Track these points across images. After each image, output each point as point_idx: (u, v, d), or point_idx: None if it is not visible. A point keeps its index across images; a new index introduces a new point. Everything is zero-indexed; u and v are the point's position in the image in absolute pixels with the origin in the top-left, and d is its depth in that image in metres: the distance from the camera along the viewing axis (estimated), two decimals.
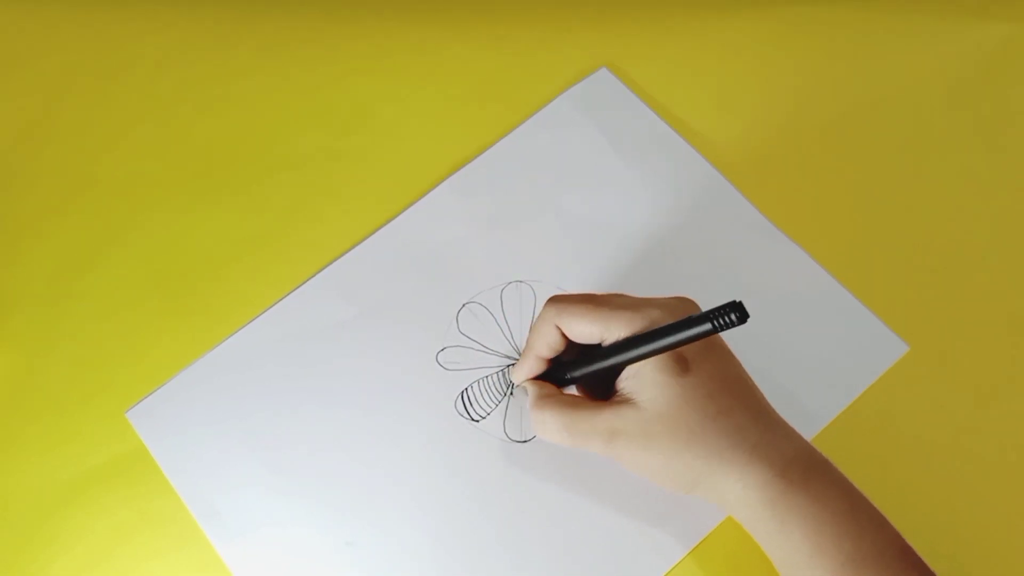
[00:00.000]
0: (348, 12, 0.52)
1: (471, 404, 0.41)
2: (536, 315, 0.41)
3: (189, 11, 0.52)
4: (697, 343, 0.32)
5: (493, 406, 0.41)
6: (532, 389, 0.38)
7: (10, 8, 0.52)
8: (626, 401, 0.34)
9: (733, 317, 0.29)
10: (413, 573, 0.38)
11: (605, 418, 0.34)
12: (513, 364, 0.42)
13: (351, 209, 0.46)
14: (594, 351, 0.35)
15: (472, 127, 0.48)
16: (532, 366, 0.38)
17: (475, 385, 0.42)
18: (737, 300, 0.29)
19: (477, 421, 0.41)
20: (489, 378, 0.42)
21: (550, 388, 0.38)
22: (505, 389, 0.41)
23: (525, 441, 0.40)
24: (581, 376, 0.37)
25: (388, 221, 0.46)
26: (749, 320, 0.29)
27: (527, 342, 0.38)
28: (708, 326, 0.29)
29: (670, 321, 0.32)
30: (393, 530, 0.39)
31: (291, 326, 0.43)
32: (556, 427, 0.36)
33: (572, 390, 0.39)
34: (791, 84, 0.50)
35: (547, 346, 0.37)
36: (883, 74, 0.50)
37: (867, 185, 0.46)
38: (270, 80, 0.50)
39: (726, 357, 0.35)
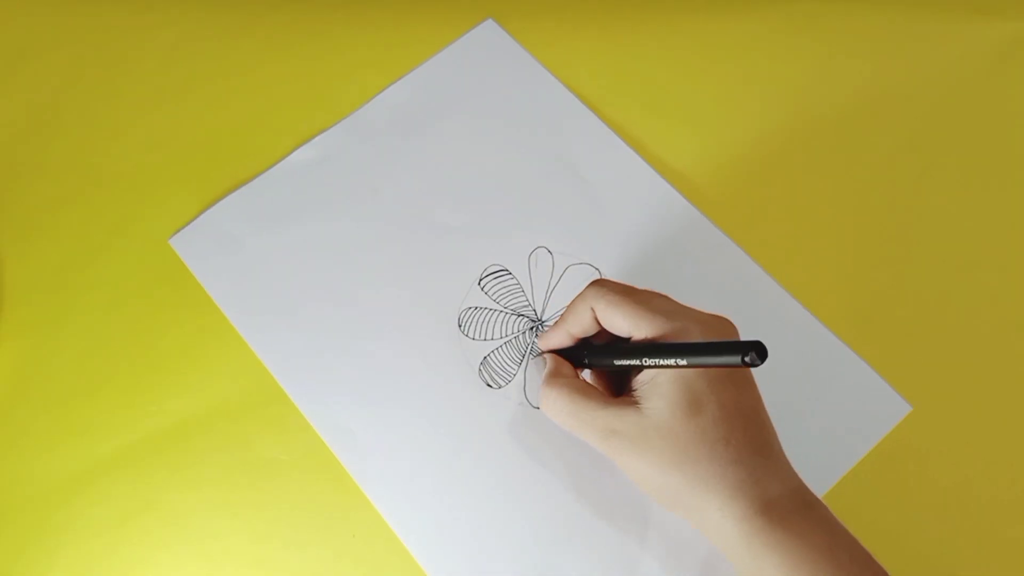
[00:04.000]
0: (356, 4, 0.52)
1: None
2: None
3: (196, 4, 0.52)
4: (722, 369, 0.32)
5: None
6: (550, 364, 0.39)
7: (18, 1, 0.52)
8: (632, 403, 0.34)
9: (748, 359, 0.28)
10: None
11: (607, 415, 0.35)
12: (533, 326, 0.43)
13: None
14: (619, 344, 0.36)
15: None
16: (561, 339, 0.39)
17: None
18: (759, 341, 0.29)
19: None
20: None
21: (567, 368, 0.38)
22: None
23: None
24: (600, 366, 0.38)
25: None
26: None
27: (562, 316, 0.39)
28: (735, 359, 0.29)
29: (700, 337, 0.32)
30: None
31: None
32: (560, 409, 0.36)
33: (588, 373, 0.40)
34: (790, 82, 0.50)
35: (579, 326, 0.37)
36: (882, 75, 0.50)
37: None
38: (277, 73, 0.50)
39: (745, 387, 0.35)
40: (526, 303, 0.44)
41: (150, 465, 0.41)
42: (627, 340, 0.36)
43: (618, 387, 0.37)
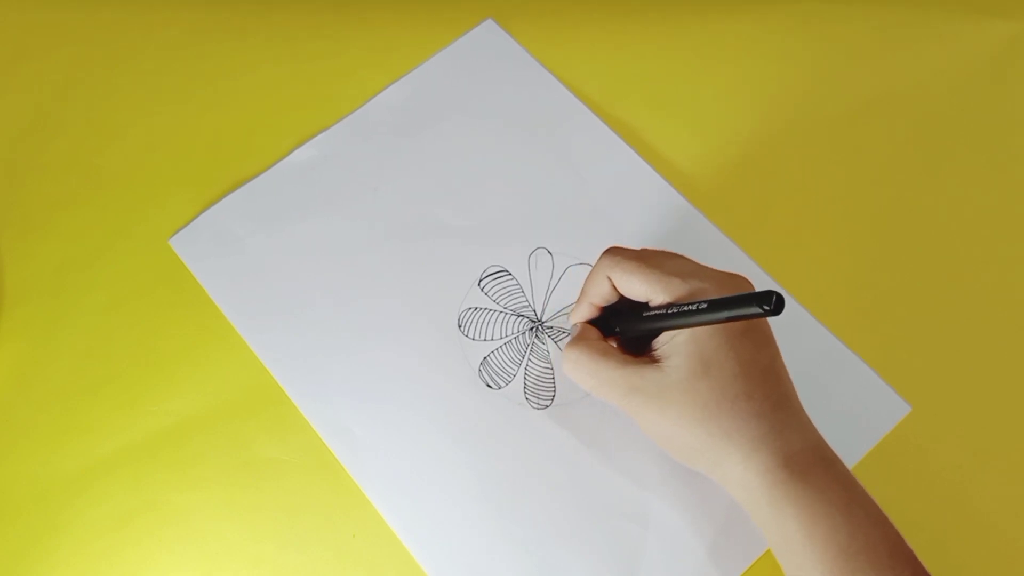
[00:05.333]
0: (356, 4, 0.52)
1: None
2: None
3: (196, 3, 0.52)
4: (740, 323, 0.33)
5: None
6: (576, 330, 0.39)
7: (18, 1, 0.52)
8: (653, 362, 0.35)
9: (766, 307, 0.29)
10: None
11: (628, 373, 0.35)
12: (533, 327, 0.43)
13: None
14: (640, 308, 0.36)
15: None
16: (585, 311, 0.39)
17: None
18: (775, 292, 0.29)
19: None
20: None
21: (593, 333, 0.38)
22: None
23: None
24: (624, 330, 0.38)
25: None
26: None
27: (583, 288, 0.39)
28: (753, 309, 0.29)
29: (715, 295, 0.33)
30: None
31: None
32: (580, 368, 0.37)
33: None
34: (790, 82, 0.50)
35: (599, 296, 0.38)
36: (882, 74, 0.50)
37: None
38: (277, 73, 0.50)
39: (762, 341, 0.35)
40: (526, 303, 0.44)
41: (150, 465, 0.41)
42: (646, 304, 0.36)
43: (639, 351, 0.38)
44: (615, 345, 0.39)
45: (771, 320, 0.36)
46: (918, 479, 0.41)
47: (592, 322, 0.39)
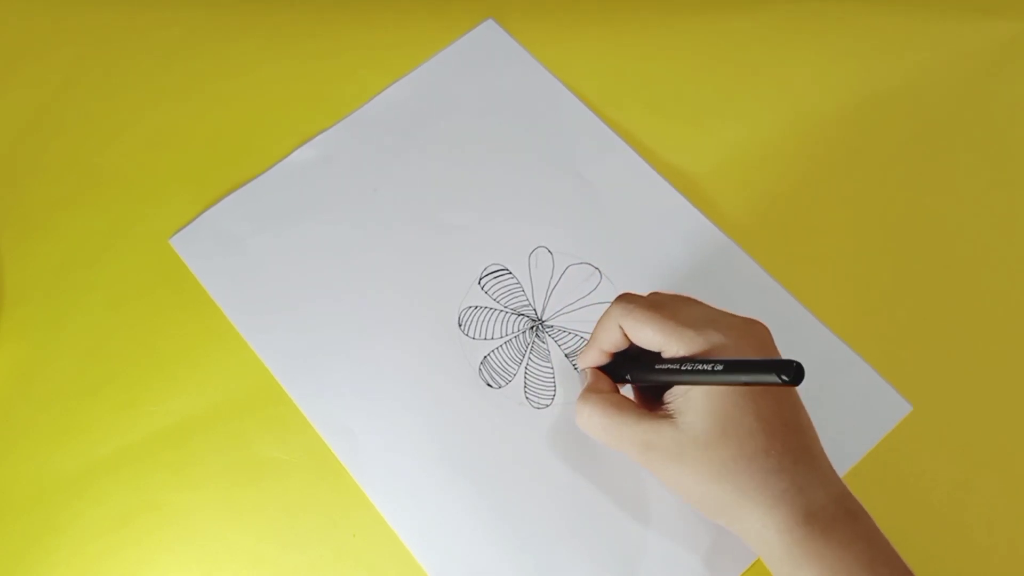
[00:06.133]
0: (356, 4, 0.52)
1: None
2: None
3: (196, 4, 0.52)
4: None
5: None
6: (588, 378, 0.38)
7: (18, 1, 0.52)
8: (667, 417, 0.34)
9: (784, 378, 0.28)
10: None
11: (643, 430, 0.34)
12: (533, 326, 0.43)
13: None
14: (652, 358, 0.36)
15: None
16: (595, 357, 0.38)
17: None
18: (795, 361, 0.29)
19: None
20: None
21: (604, 383, 0.38)
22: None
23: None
24: (636, 379, 0.37)
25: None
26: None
27: (592, 333, 0.38)
28: (771, 377, 0.29)
29: (730, 350, 0.32)
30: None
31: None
32: (595, 424, 0.36)
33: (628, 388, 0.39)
34: (790, 82, 0.50)
35: (610, 343, 0.37)
36: (882, 74, 0.50)
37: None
38: (277, 73, 0.50)
39: (784, 394, 0.34)
40: (526, 302, 0.44)
41: (150, 465, 0.41)
42: (658, 353, 0.35)
43: (652, 396, 0.37)
44: (624, 393, 0.38)
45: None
46: (918, 479, 0.41)
47: (603, 368, 0.39)
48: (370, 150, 0.47)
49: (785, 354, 0.35)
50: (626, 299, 0.36)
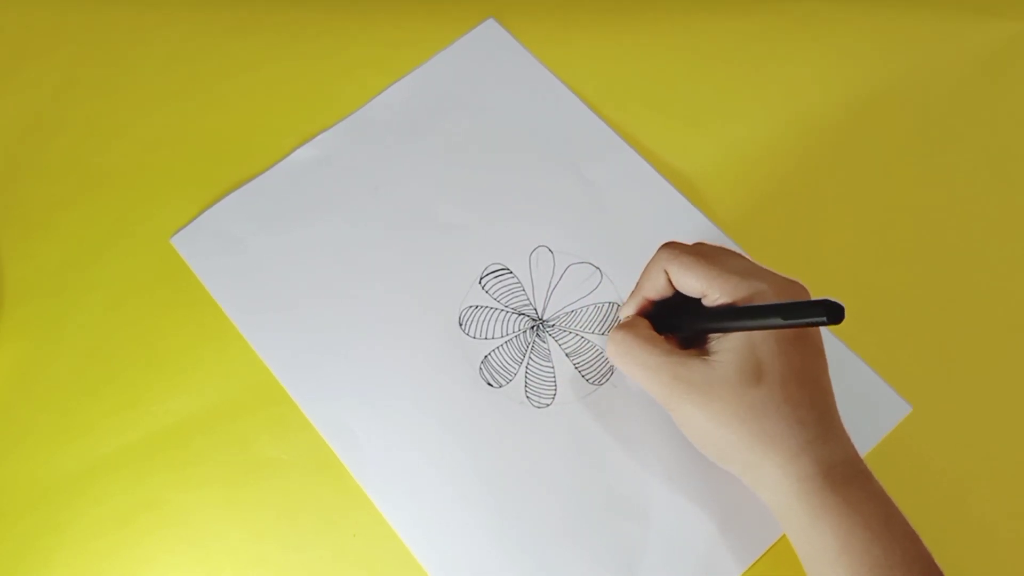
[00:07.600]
0: (356, 4, 0.52)
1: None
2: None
3: (197, 4, 0.52)
4: (793, 330, 0.33)
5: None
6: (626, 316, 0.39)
7: (18, 1, 0.52)
8: (701, 355, 0.35)
9: (829, 316, 0.29)
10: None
11: (673, 362, 0.35)
12: (534, 325, 0.43)
13: None
14: (693, 306, 0.36)
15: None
16: (637, 303, 0.39)
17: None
18: (836, 301, 0.29)
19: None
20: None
21: (642, 322, 0.38)
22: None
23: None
24: (678, 327, 0.37)
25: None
26: None
27: (638, 281, 0.38)
28: (819, 316, 0.29)
29: (771, 299, 0.32)
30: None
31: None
32: (625, 352, 0.36)
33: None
34: (790, 82, 0.50)
35: (654, 289, 0.37)
36: (882, 74, 0.50)
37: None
38: (277, 73, 0.50)
39: (814, 351, 0.35)
40: (527, 302, 0.44)
41: (150, 465, 0.41)
42: (699, 302, 0.36)
43: (688, 345, 0.37)
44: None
45: None
46: (918, 479, 0.41)
47: (645, 316, 0.39)
48: (371, 150, 0.47)
49: None
50: (672, 246, 0.37)
